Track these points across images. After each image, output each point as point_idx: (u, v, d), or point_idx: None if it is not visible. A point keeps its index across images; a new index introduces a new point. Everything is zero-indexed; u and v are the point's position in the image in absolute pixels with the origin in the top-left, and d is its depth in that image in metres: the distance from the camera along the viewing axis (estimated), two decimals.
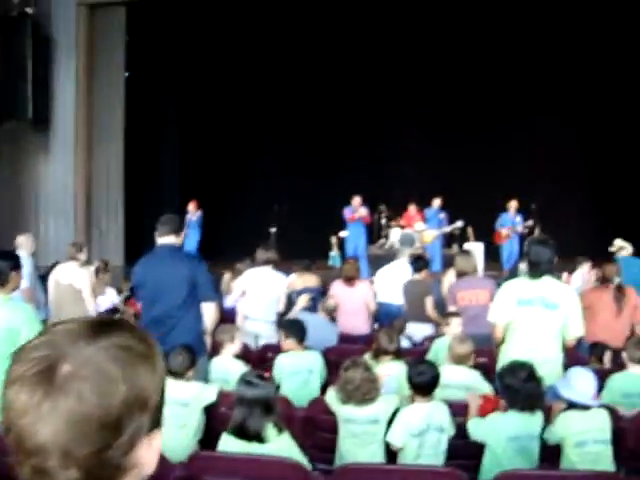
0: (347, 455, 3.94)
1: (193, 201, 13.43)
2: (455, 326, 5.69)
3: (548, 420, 3.85)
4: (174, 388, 4.20)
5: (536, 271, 4.45)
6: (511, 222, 12.39)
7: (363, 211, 12.47)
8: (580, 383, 3.80)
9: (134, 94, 13.52)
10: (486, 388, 4.56)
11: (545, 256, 4.43)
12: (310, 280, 7.91)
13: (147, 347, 1.05)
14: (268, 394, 3.47)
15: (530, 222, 12.28)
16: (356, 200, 12.34)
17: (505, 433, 3.70)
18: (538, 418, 3.78)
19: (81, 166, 13.03)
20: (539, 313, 4.39)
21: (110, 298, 8.06)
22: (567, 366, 4.37)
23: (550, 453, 3.82)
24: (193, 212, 13.33)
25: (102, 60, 13.15)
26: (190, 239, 12.70)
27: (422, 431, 3.77)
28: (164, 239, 4.82)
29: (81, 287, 6.64)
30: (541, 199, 12.80)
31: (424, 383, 3.93)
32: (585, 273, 8.55)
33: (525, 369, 3.80)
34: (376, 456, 3.90)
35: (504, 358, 4.45)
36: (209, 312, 4.77)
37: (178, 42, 14.22)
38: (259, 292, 6.59)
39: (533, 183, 14.47)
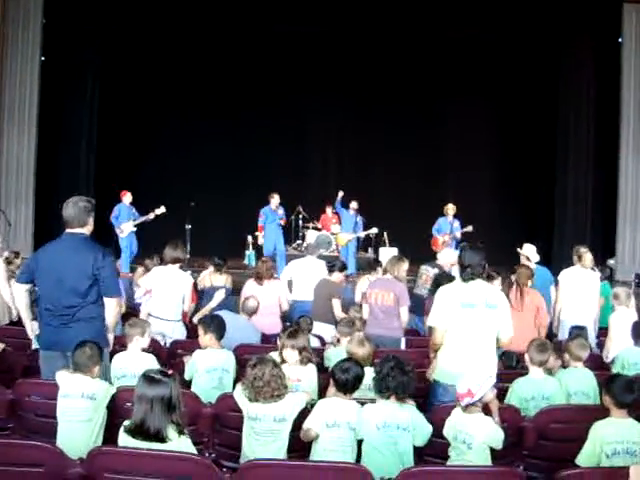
0: (249, 453, 3.93)
1: (126, 192, 12.13)
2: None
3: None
4: (81, 382, 4.10)
5: (468, 274, 4.60)
6: (449, 227, 12.26)
7: (280, 212, 12.41)
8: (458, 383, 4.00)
9: (50, 79, 13.05)
10: None
11: (476, 260, 4.61)
12: (218, 280, 7.84)
13: None
14: (171, 392, 3.32)
15: (469, 228, 12.27)
16: (275, 199, 12.17)
17: (374, 420, 3.84)
18: (408, 410, 3.91)
19: None
20: (482, 314, 4.50)
21: None
22: None
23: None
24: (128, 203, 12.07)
25: (16, 41, 12.60)
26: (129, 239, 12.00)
27: (336, 424, 3.83)
28: (72, 230, 4.70)
29: None
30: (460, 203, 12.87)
31: (346, 380, 4.00)
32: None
33: (395, 360, 3.99)
34: (279, 454, 3.90)
35: (443, 363, 4.53)
36: (109, 307, 4.67)
37: (97, 28, 13.81)
38: (165, 291, 6.49)
39: (452, 189, 14.87)
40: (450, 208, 12.31)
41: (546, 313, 6.67)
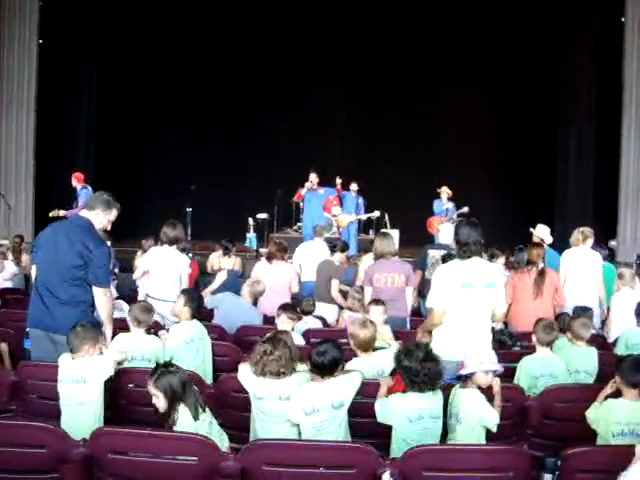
0: (259, 432, 3.91)
1: (76, 174, 10.81)
2: (376, 315, 5.46)
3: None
4: (72, 366, 4.08)
5: (465, 251, 4.47)
6: (443, 211, 11.84)
7: (321, 191, 12.28)
8: None
9: (48, 63, 12.97)
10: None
11: (473, 236, 4.47)
12: (227, 263, 7.84)
13: None
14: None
15: (465, 209, 11.75)
16: (312, 175, 12.00)
17: (407, 414, 3.73)
18: (438, 397, 3.84)
19: None
20: (480, 294, 4.41)
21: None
22: None
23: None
24: (79, 188, 10.72)
25: (13, 25, 12.52)
26: None
27: (315, 410, 3.74)
28: (82, 212, 4.84)
29: None
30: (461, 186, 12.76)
31: (322, 364, 3.88)
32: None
33: (421, 349, 3.85)
34: (288, 433, 3.84)
35: (440, 341, 4.44)
36: (98, 297, 4.65)
37: (94, 8, 13.71)
38: (162, 271, 6.47)
39: (453, 171, 14.80)
40: (444, 191, 11.91)
41: (563, 293, 6.57)
